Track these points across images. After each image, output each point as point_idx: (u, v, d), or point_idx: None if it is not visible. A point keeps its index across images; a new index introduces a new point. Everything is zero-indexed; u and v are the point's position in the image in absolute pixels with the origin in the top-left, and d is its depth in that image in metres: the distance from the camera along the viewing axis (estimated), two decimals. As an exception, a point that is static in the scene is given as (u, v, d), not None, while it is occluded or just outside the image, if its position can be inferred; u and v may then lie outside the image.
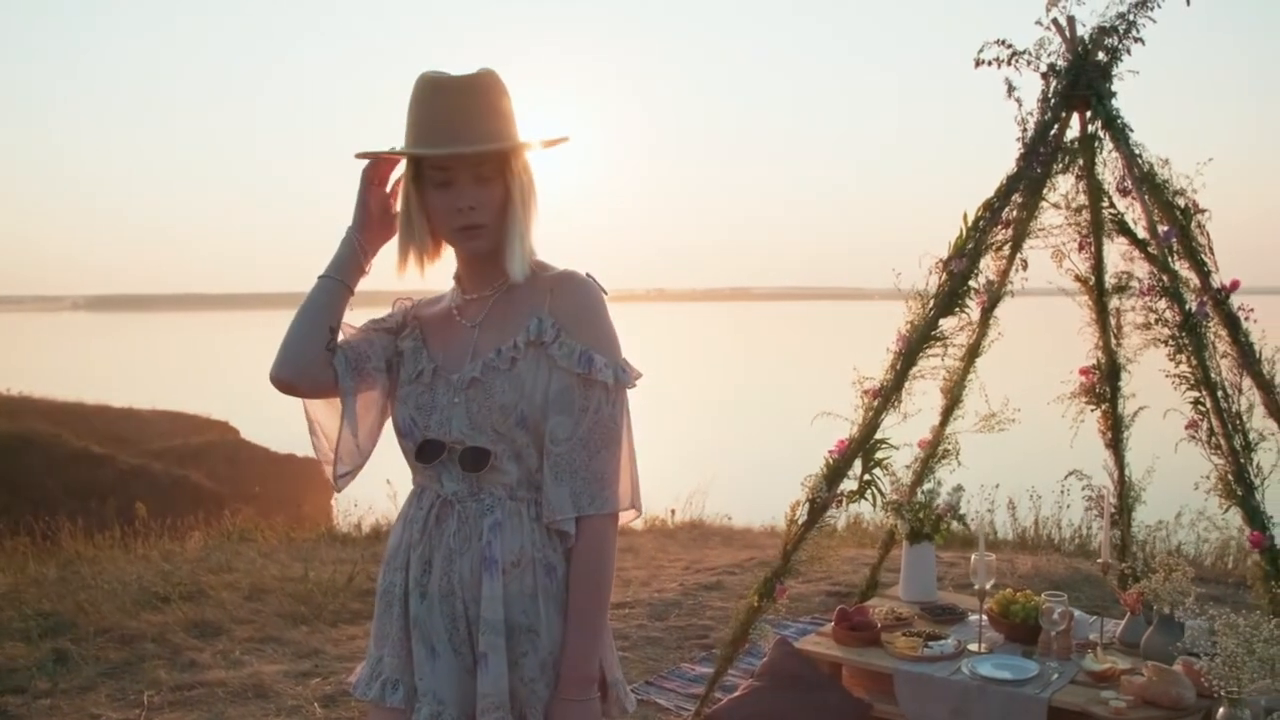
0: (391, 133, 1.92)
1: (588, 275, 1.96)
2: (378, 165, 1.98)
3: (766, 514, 9.97)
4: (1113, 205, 3.83)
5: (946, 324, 3.83)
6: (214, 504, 13.00)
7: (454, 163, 1.85)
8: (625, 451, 1.94)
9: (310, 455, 2.13)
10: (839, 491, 3.85)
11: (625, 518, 2.00)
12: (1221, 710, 2.70)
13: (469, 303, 2.00)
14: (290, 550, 7.84)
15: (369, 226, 2.01)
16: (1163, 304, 3.55)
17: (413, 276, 2.00)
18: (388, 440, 2.09)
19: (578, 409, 1.87)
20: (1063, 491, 7.49)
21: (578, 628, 1.90)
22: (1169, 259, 3.56)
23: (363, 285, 2.04)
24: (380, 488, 7.76)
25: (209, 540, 8.36)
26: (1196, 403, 3.46)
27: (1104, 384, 4.31)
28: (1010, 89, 3.80)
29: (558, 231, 1.98)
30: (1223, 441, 3.38)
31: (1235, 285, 3.51)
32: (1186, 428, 3.48)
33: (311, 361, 1.97)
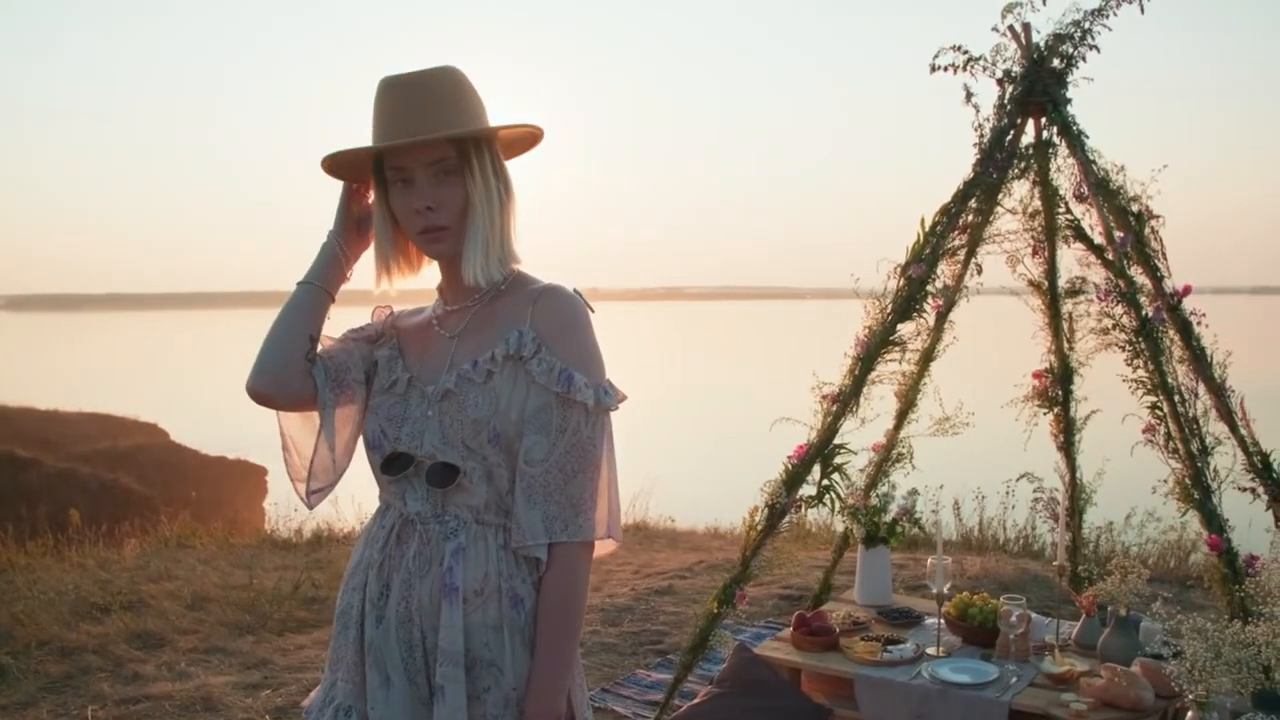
0: (362, 138, 1.86)
1: (574, 291, 1.86)
2: (360, 169, 1.90)
3: (709, 515, 9.97)
4: (1068, 211, 3.87)
5: (904, 329, 3.86)
6: (147, 508, 12.72)
7: (410, 159, 1.77)
8: (604, 477, 1.83)
9: (242, 458, 2.03)
10: (798, 496, 3.86)
11: (603, 548, 1.89)
12: (1190, 714, 2.73)
13: (449, 314, 1.91)
14: (230, 557, 7.69)
15: (350, 232, 1.94)
16: (1119, 309, 3.60)
17: (403, 283, 1.94)
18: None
19: (554, 429, 1.77)
20: (1008, 492, 7.60)
21: (545, 661, 1.78)
22: (1124, 265, 3.60)
23: (348, 286, 1.96)
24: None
25: (146, 547, 8.15)
26: (1154, 407, 3.51)
27: (1056, 387, 4.36)
28: (969, 95, 3.84)
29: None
30: (1180, 445, 3.42)
31: (1187, 290, 3.56)
32: (1144, 431, 3.53)
33: (291, 372, 1.87)
